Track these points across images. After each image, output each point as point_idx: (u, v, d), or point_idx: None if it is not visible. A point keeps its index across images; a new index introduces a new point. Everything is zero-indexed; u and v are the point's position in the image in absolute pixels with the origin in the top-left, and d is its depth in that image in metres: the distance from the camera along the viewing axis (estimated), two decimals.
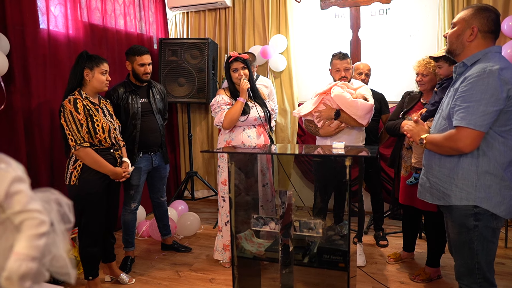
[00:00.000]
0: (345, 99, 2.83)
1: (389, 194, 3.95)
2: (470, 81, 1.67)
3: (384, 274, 2.90)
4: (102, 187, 2.53)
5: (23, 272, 1.10)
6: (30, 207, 1.16)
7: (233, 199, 2.17)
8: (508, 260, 3.05)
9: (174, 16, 4.96)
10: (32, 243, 1.13)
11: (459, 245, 1.82)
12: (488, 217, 1.72)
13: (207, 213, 4.43)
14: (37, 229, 1.14)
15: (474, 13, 1.75)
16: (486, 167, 1.70)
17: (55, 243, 1.23)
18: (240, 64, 2.91)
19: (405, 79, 4.02)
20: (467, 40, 1.77)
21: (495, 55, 1.72)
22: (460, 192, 1.75)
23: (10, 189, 1.14)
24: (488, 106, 1.62)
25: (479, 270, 1.77)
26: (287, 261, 2.00)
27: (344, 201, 1.95)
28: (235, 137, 2.93)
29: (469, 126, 1.64)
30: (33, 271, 1.13)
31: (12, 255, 1.11)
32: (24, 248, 1.12)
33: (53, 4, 3.18)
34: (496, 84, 1.60)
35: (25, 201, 1.16)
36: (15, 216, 1.15)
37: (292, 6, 4.38)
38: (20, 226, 1.15)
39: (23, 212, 1.15)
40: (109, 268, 2.85)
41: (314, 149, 2.42)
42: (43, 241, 1.15)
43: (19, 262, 1.10)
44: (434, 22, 3.93)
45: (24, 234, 1.14)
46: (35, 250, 1.13)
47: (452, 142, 1.71)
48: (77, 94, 2.48)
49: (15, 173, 1.17)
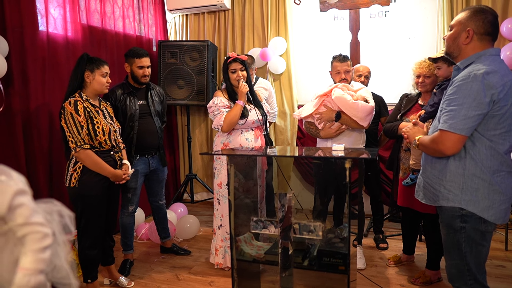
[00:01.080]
0: (345, 101, 2.82)
1: (389, 197, 3.94)
2: (455, 85, 1.70)
3: (384, 277, 2.89)
4: (102, 189, 2.52)
5: (32, 287, 1.12)
6: (32, 220, 1.17)
7: (232, 201, 2.16)
8: (509, 263, 3.04)
9: (174, 19, 4.96)
10: (37, 257, 1.15)
11: (449, 246, 1.85)
12: (476, 220, 1.73)
13: (206, 216, 4.42)
14: (41, 243, 1.17)
15: (470, 15, 1.75)
16: (473, 170, 1.71)
17: (56, 253, 1.25)
18: (239, 65, 2.90)
19: (405, 81, 4.01)
20: (463, 43, 1.77)
21: (488, 58, 1.71)
22: (447, 193, 1.78)
23: (13, 202, 1.15)
24: (470, 110, 1.63)
25: (469, 272, 1.78)
26: (286, 264, 1.99)
27: (344, 204, 1.95)
28: (232, 140, 2.92)
29: (450, 130, 1.67)
30: (42, 283, 1.15)
31: (19, 271, 1.13)
32: (30, 263, 1.14)
33: (52, 6, 3.18)
34: (479, 88, 1.61)
35: (27, 214, 1.17)
36: (18, 229, 1.17)
37: (292, 9, 4.39)
38: (24, 239, 1.17)
39: (26, 225, 1.16)
40: (108, 271, 2.83)
41: (313, 152, 2.42)
42: (47, 254, 1.18)
43: (28, 277, 1.12)
44: (434, 24, 3.94)
45: (29, 249, 1.16)
46: (41, 264, 1.16)
47: (435, 144, 1.75)
48: (78, 96, 2.48)
49: (17, 187, 1.17)
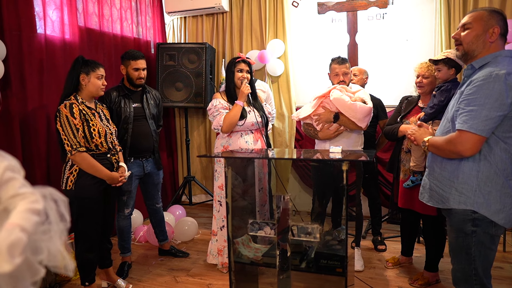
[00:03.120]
0: (344, 102, 2.83)
1: (388, 199, 3.94)
2: (475, 84, 1.65)
3: (383, 279, 2.88)
4: (98, 192, 2.52)
5: (11, 242, 1.02)
6: (23, 190, 1.14)
7: (230, 204, 2.16)
8: (507, 264, 3.04)
9: (172, 21, 4.97)
10: (25, 214, 1.08)
11: (457, 249, 1.81)
12: (487, 223, 1.70)
13: (204, 218, 4.41)
14: (32, 204, 1.10)
15: (491, 14, 1.72)
16: (487, 172, 1.68)
17: (51, 239, 1.20)
18: (246, 67, 2.92)
19: (402, 83, 4.03)
20: (489, 40, 1.73)
21: (504, 59, 1.68)
22: (459, 196, 1.74)
23: (3, 176, 1.12)
24: (492, 111, 1.60)
25: (476, 276, 1.75)
26: (284, 266, 1.99)
27: (342, 206, 1.95)
28: (232, 143, 2.92)
29: (470, 130, 1.63)
30: (23, 244, 1.04)
31: (3, 227, 1.04)
32: (16, 219, 1.06)
33: (50, 9, 3.18)
34: (501, 89, 1.58)
35: (18, 186, 1.13)
36: (9, 202, 1.12)
37: (290, 11, 4.39)
38: (15, 206, 1.11)
39: (17, 195, 1.12)
40: (106, 274, 2.82)
41: (311, 154, 2.42)
42: (36, 218, 1.10)
43: (9, 231, 1.03)
44: (431, 26, 3.95)
45: (18, 208, 1.09)
46: (27, 222, 1.07)
47: (452, 146, 1.70)
48: (73, 99, 2.48)
49: (8, 162, 1.15)
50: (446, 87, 2.50)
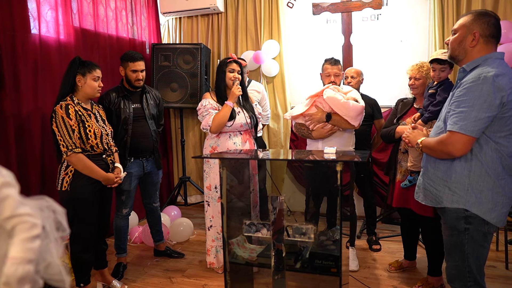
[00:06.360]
0: (337, 100, 2.85)
1: (383, 199, 3.96)
2: (465, 86, 1.69)
3: (377, 279, 2.90)
4: (94, 193, 2.51)
5: (20, 276, 1.10)
6: (20, 211, 1.16)
7: (225, 204, 2.16)
8: (500, 263, 3.07)
9: (167, 21, 4.96)
10: (26, 246, 1.13)
11: (451, 247, 1.85)
12: (480, 221, 1.74)
13: (200, 219, 4.42)
14: (30, 232, 1.14)
15: (474, 19, 1.76)
16: (479, 172, 1.72)
17: (49, 250, 1.23)
18: (237, 67, 2.93)
19: (397, 84, 4.05)
20: (469, 45, 1.78)
21: (494, 61, 1.72)
22: (452, 195, 1.77)
23: None
24: (481, 112, 1.63)
25: (470, 274, 1.78)
26: (279, 267, 2.00)
27: (336, 206, 1.96)
28: (221, 144, 2.93)
29: (460, 131, 1.67)
30: (31, 274, 1.13)
31: (8, 261, 1.11)
32: (18, 252, 1.12)
33: (44, 9, 3.17)
34: (490, 90, 1.62)
35: (14, 206, 1.15)
36: (6, 222, 1.15)
37: (285, 12, 4.41)
38: (12, 231, 1.15)
39: (13, 217, 1.15)
40: (101, 275, 2.82)
41: (305, 155, 2.43)
42: (37, 244, 1.15)
43: (15, 266, 1.10)
44: (425, 27, 3.98)
45: (17, 238, 1.13)
46: (30, 253, 1.13)
47: (443, 146, 1.74)
48: (69, 100, 2.47)
49: (3, 179, 1.16)
50: (449, 84, 2.52)
